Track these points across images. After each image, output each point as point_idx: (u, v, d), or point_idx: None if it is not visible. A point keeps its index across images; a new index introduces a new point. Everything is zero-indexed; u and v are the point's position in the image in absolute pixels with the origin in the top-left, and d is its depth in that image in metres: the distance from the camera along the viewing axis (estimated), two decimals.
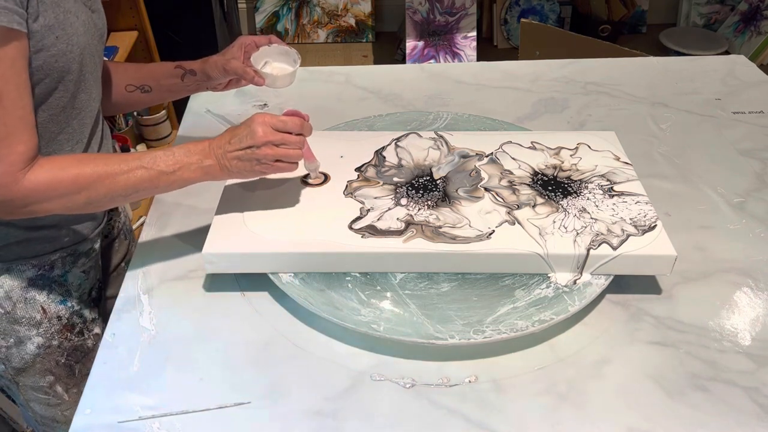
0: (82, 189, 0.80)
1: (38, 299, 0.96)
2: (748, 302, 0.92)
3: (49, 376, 1.01)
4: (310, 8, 3.31)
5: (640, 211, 0.95)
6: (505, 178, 1.02)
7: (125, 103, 1.07)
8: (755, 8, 3.04)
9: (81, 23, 0.84)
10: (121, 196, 0.83)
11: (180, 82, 1.04)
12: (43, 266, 0.95)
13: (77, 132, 0.90)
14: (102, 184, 0.81)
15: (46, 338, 0.98)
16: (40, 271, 0.95)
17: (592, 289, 0.88)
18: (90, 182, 0.80)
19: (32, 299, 0.95)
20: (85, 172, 0.80)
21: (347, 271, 0.91)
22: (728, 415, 0.77)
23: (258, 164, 0.86)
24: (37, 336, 0.97)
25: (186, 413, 0.77)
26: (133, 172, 0.82)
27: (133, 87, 1.05)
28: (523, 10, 3.21)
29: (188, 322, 0.88)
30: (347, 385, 0.81)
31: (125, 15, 2.13)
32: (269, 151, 0.85)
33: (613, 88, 1.41)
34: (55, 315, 0.98)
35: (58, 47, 0.80)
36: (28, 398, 1.03)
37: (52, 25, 0.79)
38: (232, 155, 0.85)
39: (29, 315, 0.95)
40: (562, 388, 0.80)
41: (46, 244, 0.94)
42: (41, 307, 0.96)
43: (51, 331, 0.98)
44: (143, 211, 2.10)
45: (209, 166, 0.85)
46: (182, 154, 0.84)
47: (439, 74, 1.48)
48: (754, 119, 1.31)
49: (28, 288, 0.94)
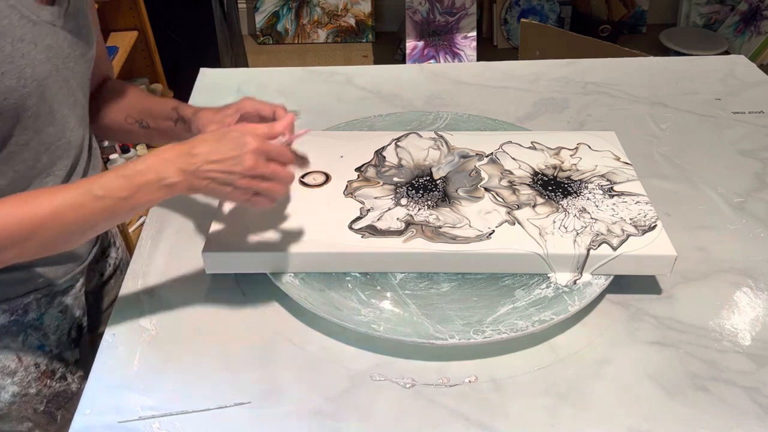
0: (32, 234, 0.68)
1: (12, 347, 0.87)
2: (748, 302, 0.92)
3: (27, 423, 0.93)
4: (310, 8, 3.31)
5: (640, 211, 0.95)
6: (505, 178, 1.02)
7: (121, 133, 0.99)
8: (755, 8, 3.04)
9: (42, 50, 0.73)
10: (77, 234, 0.72)
11: (173, 126, 0.95)
12: (16, 311, 0.86)
13: (48, 166, 0.81)
14: (52, 224, 0.69)
15: (21, 387, 0.89)
16: (13, 316, 0.86)
17: (592, 289, 0.88)
18: (38, 225, 0.68)
19: (5, 347, 0.87)
20: (31, 214, 0.68)
21: (347, 271, 0.91)
22: (728, 415, 0.77)
23: (233, 191, 0.73)
24: (12, 385, 0.88)
25: (186, 413, 0.77)
26: (86, 205, 0.69)
27: (132, 119, 0.96)
28: (523, 10, 3.21)
29: (188, 322, 0.88)
30: (347, 385, 0.81)
31: (125, 15, 2.13)
32: (253, 184, 0.73)
33: (613, 88, 1.41)
34: (32, 363, 0.90)
35: (6, 84, 0.70)
36: None
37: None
38: (207, 175, 0.71)
39: (2, 364, 0.87)
40: (562, 388, 0.80)
41: (17, 286, 0.85)
42: (16, 355, 0.88)
43: (27, 380, 0.90)
44: (143, 211, 2.10)
45: (174, 184, 0.71)
46: (140, 172, 0.70)
47: (439, 74, 1.48)
48: (754, 119, 1.31)
49: (1, 336, 0.86)
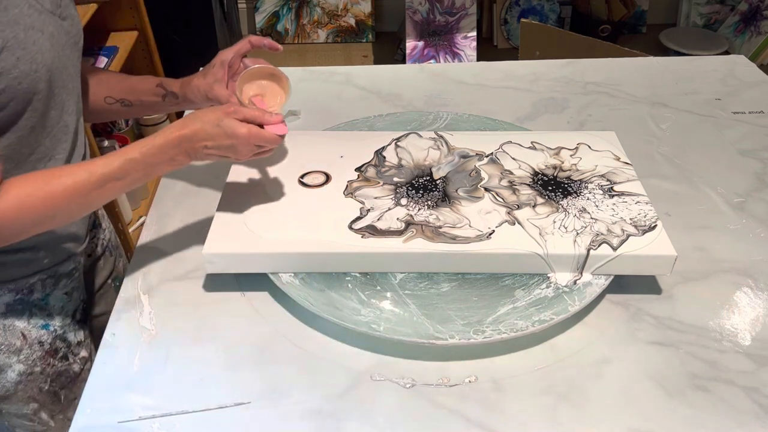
0: (56, 210, 0.75)
1: (18, 325, 0.91)
2: (748, 302, 0.92)
3: (32, 404, 0.97)
4: (310, 8, 3.31)
5: (640, 211, 0.95)
6: (505, 178, 1.02)
7: (105, 113, 1.03)
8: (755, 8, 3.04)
9: (48, 37, 0.78)
10: (95, 207, 0.81)
11: (161, 101, 1.00)
12: (21, 290, 0.90)
13: (50, 149, 0.85)
14: (75, 202, 0.76)
15: (27, 365, 0.93)
16: (19, 295, 0.90)
17: (592, 289, 0.88)
18: (62, 202, 0.75)
19: (11, 325, 0.90)
20: (56, 192, 0.74)
21: (347, 271, 0.91)
22: (728, 415, 0.77)
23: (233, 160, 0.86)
24: (18, 363, 0.92)
25: (186, 413, 0.77)
26: (107, 184, 0.77)
27: (112, 99, 1.00)
28: (523, 10, 3.21)
29: (188, 322, 0.88)
30: (347, 385, 0.81)
31: (125, 15, 2.13)
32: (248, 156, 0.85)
33: (613, 88, 1.41)
34: (37, 341, 0.93)
35: (21, 69, 0.74)
36: (13, 425, 0.99)
37: (10, 46, 0.72)
38: (208, 153, 0.82)
39: (8, 342, 0.91)
40: (562, 388, 0.80)
41: (23, 267, 0.89)
42: (21, 333, 0.92)
43: (33, 358, 0.93)
44: (143, 211, 2.10)
45: (180, 162, 0.82)
46: (153, 156, 0.80)
47: (439, 74, 1.48)
48: (754, 119, 1.31)
49: (6, 314, 0.90)
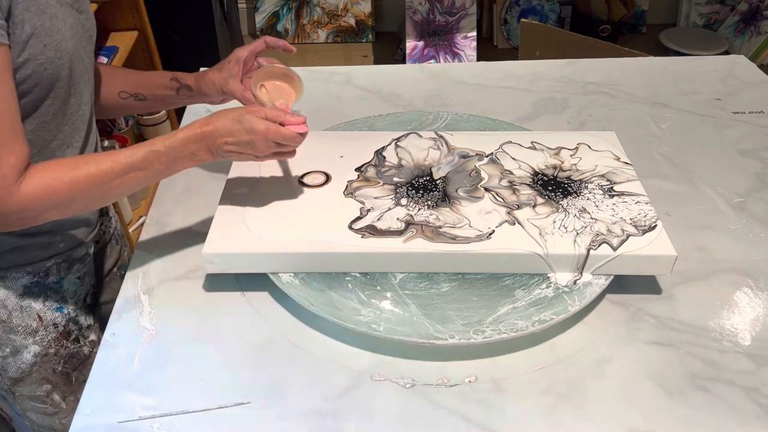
0: (78, 195, 0.79)
1: (34, 307, 0.94)
2: (748, 302, 0.92)
3: (46, 385, 0.99)
4: (310, 8, 3.31)
5: (640, 211, 0.95)
6: (505, 178, 1.02)
7: (118, 109, 1.05)
8: (755, 8, 3.04)
9: (69, 27, 0.82)
10: (115, 197, 0.84)
11: (175, 94, 1.03)
12: (38, 273, 0.94)
13: (69, 137, 0.89)
14: (98, 189, 0.80)
15: (42, 346, 0.96)
16: (35, 278, 0.93)
17: (592, 289, 0.88)
18: (85, 188, 0.79)
19: (28, 307, 0.94)
20: (80, 178, 0.78)
21: (347, 271, 0.91)
22: (728, 415, 0.77)
23: (254, 158, 0.88)
24: (34, 344, 0.95)
25: (186, 413, 0.77)
26: (129, 174, 0.81)
27: (126, 94, 1.03)
28: (523, 10, 3.21)
29: (188, 322, 0.88)
30: (347, 385, 0.81)
31: (125, 15, 2.13)
32: (267, 155, 0.88)
33: (613, 88, 1.41)
34: (51, 322, 0.96)
35: (47, 55, 0.78)
36: (24, 408, 1.02)
37: (38, 33, 0.76)
38: (229, 150, 0.85)
39: (25, 323, 0.94)
40: (562, 388, 0.80)
41: (41, 250, 0.93)
42: (37, 314, 0.95)
43: (48, 339, 0.97)
44: (143, 211, 2.10)
45: (202, 158, 0.85)
46: (175, 149, 0.83)
47: (439, 74, 1.48)
48: (754, 119, 1.31)
49: (24, 296, 0.93)
